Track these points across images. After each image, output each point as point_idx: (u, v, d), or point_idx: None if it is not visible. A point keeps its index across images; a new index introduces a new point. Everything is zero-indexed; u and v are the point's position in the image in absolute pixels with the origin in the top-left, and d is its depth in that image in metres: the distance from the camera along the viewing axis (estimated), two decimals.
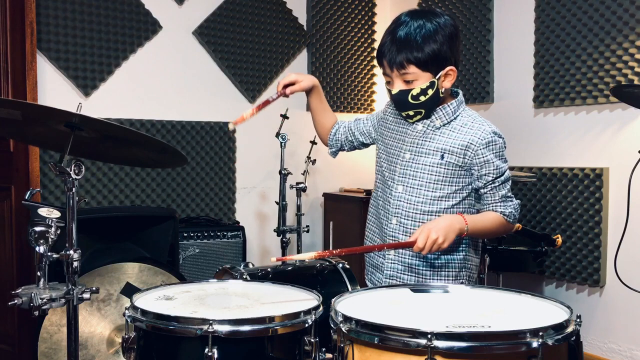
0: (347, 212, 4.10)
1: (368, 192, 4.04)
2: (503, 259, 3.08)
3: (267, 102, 2.04)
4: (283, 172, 3.58)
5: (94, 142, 1.69)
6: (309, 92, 2.17)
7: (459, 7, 3.99)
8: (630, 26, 3.06)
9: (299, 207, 3.63)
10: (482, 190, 1.92)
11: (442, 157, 1.90)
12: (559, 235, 3.09)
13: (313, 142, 3.86)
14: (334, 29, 4.45)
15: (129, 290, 2.50)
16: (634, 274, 2.90)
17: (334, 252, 1.75)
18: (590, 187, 3.23)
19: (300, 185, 3.60)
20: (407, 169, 1.95)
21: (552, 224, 3.43)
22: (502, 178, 1.91)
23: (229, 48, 4.03)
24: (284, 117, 3.69)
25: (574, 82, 3.32)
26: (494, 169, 1.89)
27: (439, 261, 1.94)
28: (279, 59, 4.24)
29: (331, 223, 4.17)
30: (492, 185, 1.90)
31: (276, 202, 3.59)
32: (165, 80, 3.84)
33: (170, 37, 3.84)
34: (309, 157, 3.79)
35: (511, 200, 1.94)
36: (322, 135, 2.28)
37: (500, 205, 1.92)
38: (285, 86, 2.09)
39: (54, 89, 3.48)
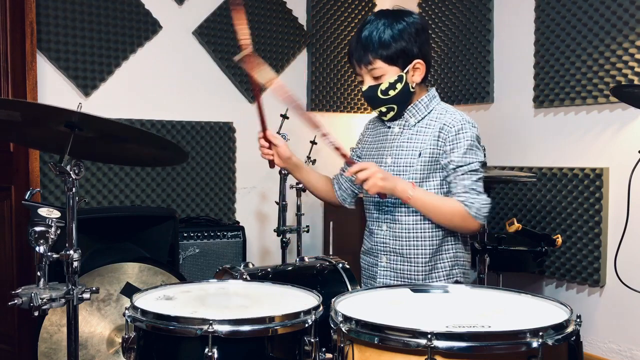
0: (347, 212, 4.07)
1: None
2: (503, 259, 3.08)
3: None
4: (283, 172, 3.57)
5: (94, 142, 1.69)
6: (295, 169, 2.13)
7: (459, 7, 3.99)
8: (630, 26, 3.06)
9: (299, 207, 3.63)
10: (448, 179, 1.89)
11: (420, 154, 1.91)
12: (559, 235, 3.09)
13: (313, 142, 3.86)
14: (334, 29, 4.45)
15: (129, 290, 2.50)
16: (634, 274, 2.90)
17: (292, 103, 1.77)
18: (590, 187, 3.23)
19: (300, 185, 3.60)
20: (390, 173, 1.95)
21: (552, 224, 3.43)
22: (466, 168, 1.85)
23: (229, 48, 4.03)
24: (284, 117, 3.69)
25: (574, 82, 3.32)
26: (457, 157, 1.85)
27: (430, 263, 1.94)
28: (279, 59, 4.24)
29: (331, 223, 4.17)
30: (455, 174, 1.86)
31: (276, 202, 3.59)
32: (165, 80, 3.84)
33: (170, 37, 3.84)
34: (309, 157, 3.79)
35: (477, 195, 1.86)
36: (329, 199, 2.24)
37: (463, 195, 1.85)
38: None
39: (54, 89, 3.48)
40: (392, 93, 1.89)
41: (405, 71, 1.88)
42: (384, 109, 1.94)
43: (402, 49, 1.86)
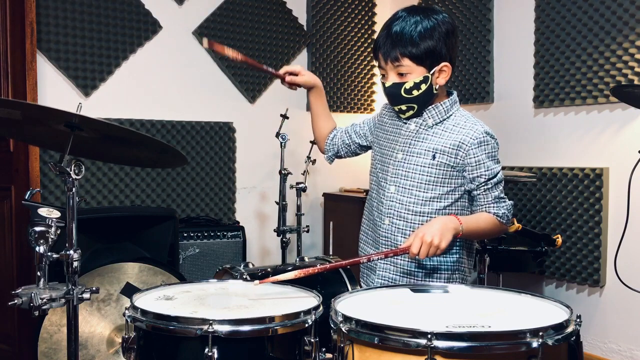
0: (347, 212, 4.10)
1: (368, 192, 4.04)
2: (503, 259, 3.08)
3: (260, 66, 2.06)
4: (283, 172, 3.58)
5: (94, 142, 1.69)
6: (310, 90, 2.16)
7: (459, 7, 3.99)
8: (630, 26, 3.06)
9: (299, 207, 3.63)
10: (474, 192, 1.91)
11: (434, 157, 1.89)
12: (559, 235, 3.09)
13: (313, 142, 3.86)
14: (334, 29, 4.45)
15: (129, 290, 2.50)
16: (634, 274, 2.90)
17: (317, 269, 1.73)
18: (590, 187, 3.23)
19: (300, 185, 3.61)
20: (399, 169, 1.95)
21: (552, 224, 3.43)
22: (495, 180, 1.90)
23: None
24: (284, 117, 3.69)
25: (574, 82, 3.32)
26: (485, 170, 1.88)
27: (432, 263, 1.93)
28: (279, 59, 4.24)
29: (331, 223, 4.17)
30: (485, 187, 1.89)
31: (276, 202, 3.59)
32: (165, 80, 3.84)
33: (170, 37, 3.84)
34: (309, 157, 3.79)
35: (504, 202, 1.92)
36: (319, 140, 2.26)
37: (494, 207, 1.90)
38: (288, 74, 2.09)
39: (54, 89, 3.48)
40: (415, 93, 1.88)
41: (431, 72, 1.86)
42: (404, 107, 1.92)
43: (432, 50, 1.84)
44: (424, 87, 1.87)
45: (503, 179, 1.94)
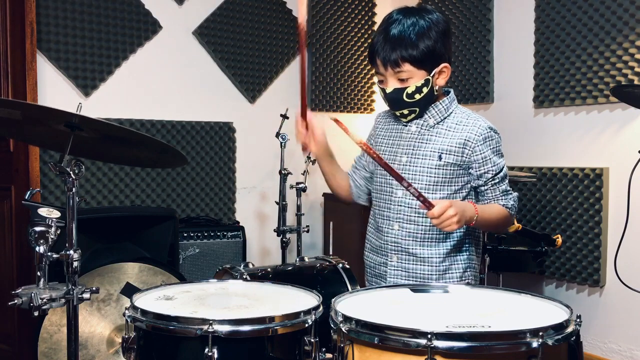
0: (347, 212, 4.10)
1: None
2: (503, 259, 3.08)
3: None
4: (283, 172, 3.58)
5: (94, 142, 1.69)
6: (321, 157, 2.03)
7: (459, 7, 3.99)
8: (630, 26, 3.06)
9: (299, 207, 3.63)
10: (482, 188, 1.92)
11: (440, 157, 1.89)
12: (559, 235, 3.09)
13: None
14: (334, 29, 4.45)
15: (129, 290, 2.50)
16: (634, 274, 2.90)
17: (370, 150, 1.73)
18: (590, 187, 3.23)
19: (300, 185, 3.60)
20: (404, 173, 1.93)
21: (552, 224, 3.43)
22: (502, 174, 1.91)
23: (229, 48, 4.03)
24: (284, 117, 3.69)
25: (574, 82, 3.32)
26: (492, 166, 1.89)
27: (444, 264, 1.93)
28: (279, 59, 4.24)
29: (331, 223, 4.17)
30: (493, 181, 1.90)
31: (276, 202, 3.59)
32: (165, 80, 3.84)
33: (170, 37, 3.84)
34: (309, 157, 3.78)
35: (511, 194, 1.94)
36: (342, 195, 2.15)
37: (502, 199, 1.92)
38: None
39: (54, 89, 3.48)
40: (417, 97, 1.86)
41: (432, 75, 1.85)
42: (406, 112, 1.91)
43: (431, 51, 1.82)
44: (425, 90, 1.86)
45: (507, 173, 1.95)
